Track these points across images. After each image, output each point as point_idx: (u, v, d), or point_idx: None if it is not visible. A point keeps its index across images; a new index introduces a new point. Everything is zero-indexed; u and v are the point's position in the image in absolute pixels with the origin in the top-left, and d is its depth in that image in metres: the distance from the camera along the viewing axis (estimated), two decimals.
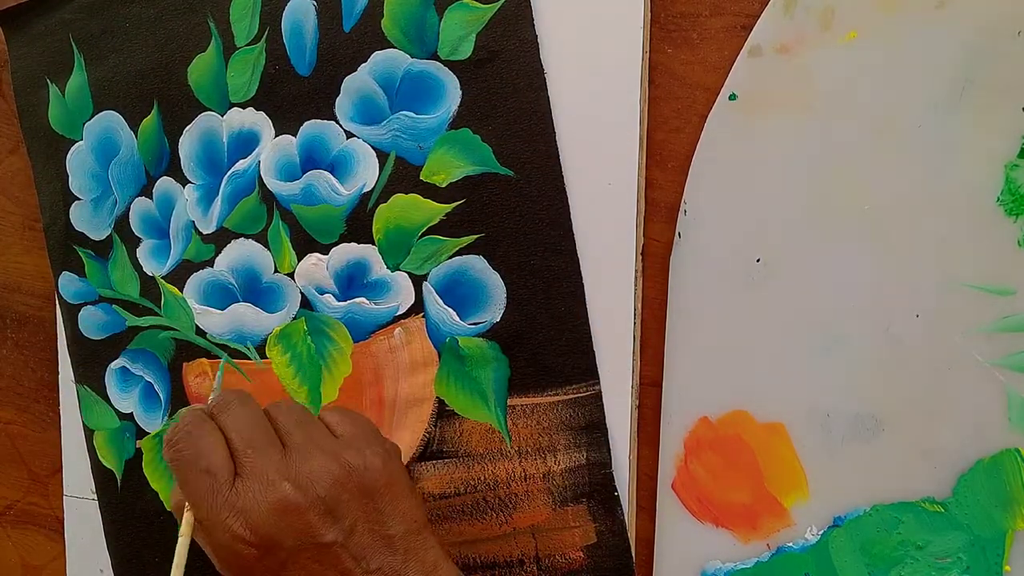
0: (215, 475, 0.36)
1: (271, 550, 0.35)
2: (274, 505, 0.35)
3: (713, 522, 0.42)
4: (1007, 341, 0.37)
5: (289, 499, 0.35)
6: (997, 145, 0.37)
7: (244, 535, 0.35)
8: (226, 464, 0.36)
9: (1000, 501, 0.38)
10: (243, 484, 0.36)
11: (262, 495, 0.36)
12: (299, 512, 0.35)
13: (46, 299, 0.57)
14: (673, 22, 0.42)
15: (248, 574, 0.36)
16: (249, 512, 0.35)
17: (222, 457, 0.37)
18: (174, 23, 0.50)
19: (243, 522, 0.35)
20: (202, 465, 0.36)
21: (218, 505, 0.36)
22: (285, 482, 0.36)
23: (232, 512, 0.35)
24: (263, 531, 0.35)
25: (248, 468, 0.36)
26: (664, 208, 0.43)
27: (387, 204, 0.46)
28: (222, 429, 0.38)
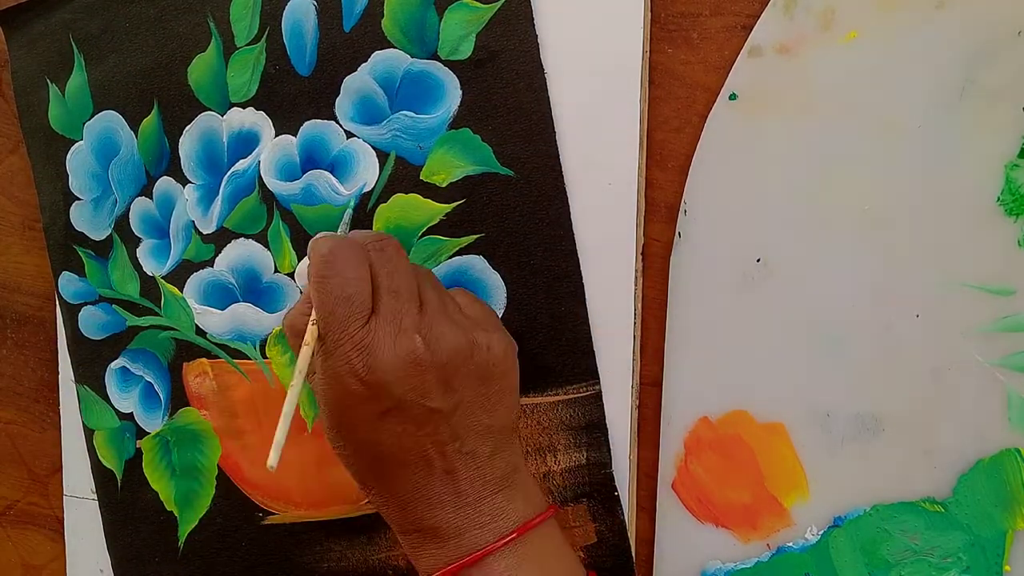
0: (354, 305, 0.35)
1: (379, 395, 0.35)
2: (400, 353, 0.35)
3: (713, 522, 0.42)
4: (1007, 341, 0.37)
5: (417, 352, 0.35)
6: (997, 145, 0.37)
7: (361, 372, 0.35)
8: (367, 300, 0.36)
9: (1000, 501, 0.38)
10: (377, 323, 0.35)
11: (391, 340, 0.35)
12: (420, 368, 0.35)
13: (46, 299, 0.57)
14: (673, 22, 0.42)
15: (346, 412, 0.36)
16: (374, 351, 0.35)
17: (366, 291, 0.36)
18: (174, 23, 0.50)
19: (364, 359, 0.35)
20: (347, 291, 0.35)
21: (346, 335, 0.35)
22: (417, 335, 0.35)
23: (357, 346, 0.35)
24: (380, 374, 0.35)
25: (386, 310, 0.36)
26: (664, 208, 0.43)
27: (387, 204, 0.46)
28: (372, 267, 0.37)
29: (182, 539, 0.52)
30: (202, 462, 0.52)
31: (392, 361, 0.35)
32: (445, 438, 0.36)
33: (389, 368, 0.35)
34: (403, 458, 0.36)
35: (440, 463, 0.36)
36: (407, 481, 0.37)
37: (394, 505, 0.37)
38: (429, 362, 0.35)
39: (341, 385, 0.35)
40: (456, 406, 0.36)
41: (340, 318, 0.35)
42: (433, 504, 0.37)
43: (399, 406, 0.35)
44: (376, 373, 0.35)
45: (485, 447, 0.37)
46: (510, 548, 0.36)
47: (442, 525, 0.36)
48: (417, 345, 0.35)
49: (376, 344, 0.35)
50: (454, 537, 0.36)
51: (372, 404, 0.35)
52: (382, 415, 0.36)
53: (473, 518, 0.36)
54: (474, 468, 0.37)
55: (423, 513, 0.37)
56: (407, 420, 0.36)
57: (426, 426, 0.36)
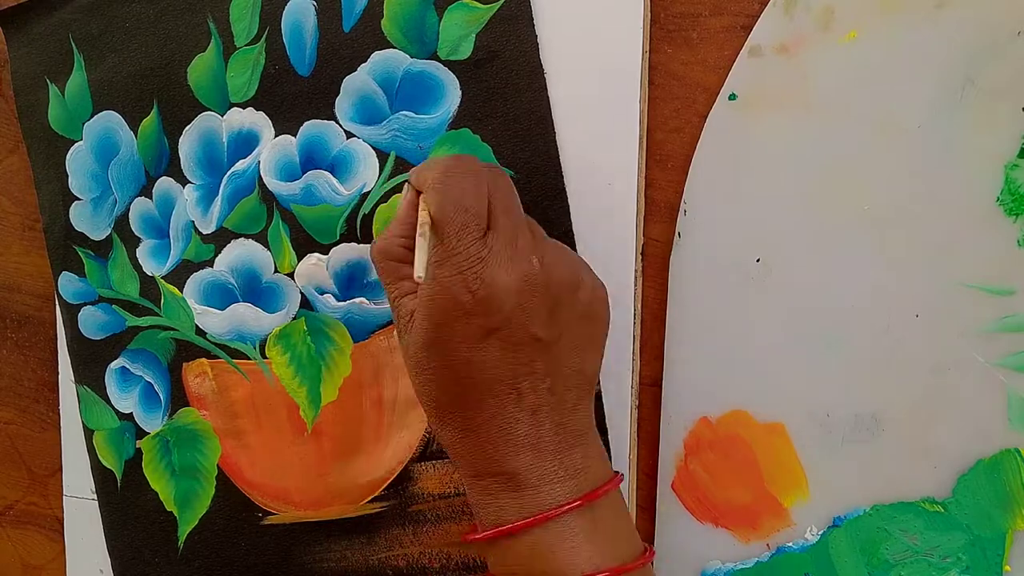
0: (473, 216, 0.34)
1: (487, 311, 0.34)
2: (516, 271, 0.34)
3: (713, 522, 0.42)
4: (1007, 341, 0.37)
5: (532, 273, 0.34)
6: (997, 145, 0.37)
7: (472, 284, 0.34)
8: (483, 215, 0.35)
9: (1000, 501, 0.38)
10: (495, 238, 0.34)
11: (507, 255, 0.34)
12: (532, 291, 0.34)
13: (46, 299, 0.57)
14: (673, 22, 0.42)
15: (448, 325, 0.34)
16: (489, 265, 0.34)
17: (484, 206, 0.35)
18: (174, 23, 0.50)
19: (478, 272, 0.34)
20: (466, 202, 0.34)
21: (464, 244, 0.34)
22: (533, 256, 0.35)
23: (472, 258, 0.34)
24: (492, 289, 0.34)
25: (503, 228, 0.35)
26: (664, 208, 0.43)
27: (387, 204, 0.46)
28: (489, 187, 0.36)
29: (182, 539, 0.52)
30: (202, 462, 0.52)
31: (506, 278, 0.34)
32: (540, 372, 0.35)
33: (503, 284, 0.34)
34: (495, 387, 0.35)
35: (530, 399, 0.35)
36: (494, 414, 0.35)
37: (472, 442, 0.35)
38: (543, 285, 0.34)
39: (450, 296, 0.34)
40: (557, 339, 0.35)
41: (458, 225, 0.34)
42: (516, 445, 0.35)
43: (505, 326, 0.34)
44: (490, 287, 0.33)
45: (571, 394, 0.36)
46: (585, 509, 0.35)
47: (521, 471, 0.35)
48: (534, 265, 0.34)
49: (492, 258, 0.34)
50: (532, 487, 0.35)
51: (478, 320, 0.34)
52: (486, 334, 0.34)
53: (553, 470, 0.35)
54: (557, 414, 0.35)
55: (503, 454, 0.35)
56: (508, 344, 0.34)
57: (525, 354, 0.34)
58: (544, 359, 0.35)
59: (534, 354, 0.35)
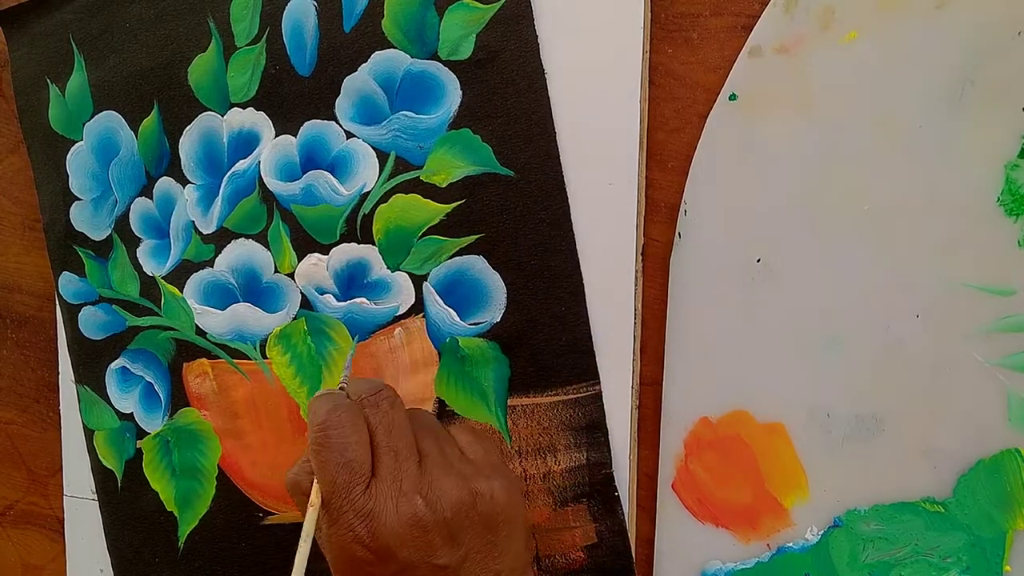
0: (355, 471, 0.36)
1: (386, 560, 0.35)
2: (403, 517, 0.35)
3: (713, 522, 0.42)
4: (1007, 341, 0.37)
5: (418, 514, 0.35)
6: (997, 145, 0.37)
7: (365, 539, 0.35)
8: (367, 463, 0.36)
9: (1000, 501, 0.38)
10: (377, 488, 0.36)
11: (393, 504, 0.35)
12: (424, 530, 0.35)
13: (46, 299, 0.57)
14: (673, 22, 0.42)
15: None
16: (377, 518, 0.35)
17: (365, 455, 0.36)
18: (174, 23, 0.50)
19: (368, 526, 0.35)
20: (347, 456, 0.36)
21: (349, 502, 0.35)
22: (418, 496, 0.36)
23: (359, 513, 0.35)
24: (384, 540, 0.35)
25: (385, 473, 0.36)
26: (664, 208, 0.43)
27: (387, 204, 0.46)
28: (369, 425, 0.37)
29: (182, 539, 0.52)
30: (202, 462, 0.52)
31: (395, 526, 0.35)
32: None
33: (393, 533, 0.35)
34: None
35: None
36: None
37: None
38: (432, 522, 0.35)
39: (348, 552, 0.36)
40: (464, 558, 0.36)
41: (342, 485, 0.36)
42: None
43: (407, 568, 0.35)
44: (380, 539, 0.35)
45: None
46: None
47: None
48: (419, 507, 0.35)
49: (378, 510, 0.35)
50: None
51: (379, 568, 0.35)
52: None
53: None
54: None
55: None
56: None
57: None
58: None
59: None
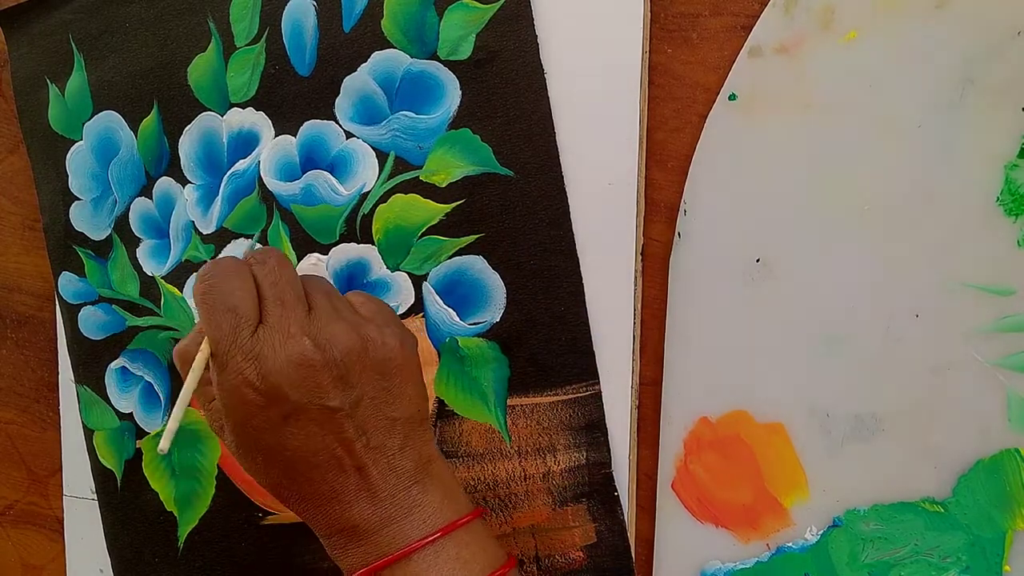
0: (240, 316, 0.36)
1: (276, 400, 0.35)
2: (290, 357, 0.35)
3: (713, 522, 0.42)
4: (1007, 341, 0.37)
5: (306, 354, 0.35)
6: (997, 145, 0.37)
7: (254, 380, 0.35)
8: (253, 310, 0.36)
9: (1000, 501, 0.38)
10: (264, 332, 0.36)
11: (280, 345, 0.36)
12: (312, 369, 0.35)
13: (46, 299, 0.57)
14: (673, 22, 0.42)
15: (248, 422, 0.36)
16: (264, 359, 0.35)
17: (250, 302, 0.37)
18: (174, 23, 0.50)
19: (256, 367, 0.35)
20: (230, 303, 0.36)
21: (236, 346, 0.36)
22: (305, 338, 0.36)
23: (247, 356, 0.35)
24: (273, 380, 0.35)
25: (273, 319, 0.36)
26: (664, 208, 0.43)
27: (387, 204, 0.46)
28: (256, 279, 0.38)
29: (182, 539, 0.52)
30: (202, 462, 0.52)
31: (283, 366, 0.35)
32: (351, 435, 0.36)
33: (281, 373, 0.35)
34: (312, 460, 0.36)
35: (349, 460, 0.36)
36: (320, 483, 0.37)
37: (312, 509, 0.37)
38: (320, 362, 0.36)
39: (239, 396, 0.36)
40: (357, 402, 0.36)
41: (228, 331, 0.36)
42: (349, 502, 0.37)
43: (298, 409, 0.36)
44: (269, 379, 0.35)
45: (393, 440, 0.37)
46: (432, 547, 0.36)
47: (360, 523, 0.37)
48: (306, 346, 0.36)
49: (265, 351, 0.35)
50: (373, 533, 0.36)
51: (272, 410, 0.36)
52: (283, 420, 0.36)
53: (390, 512, 0.37)
54: (384, 462, 0.37)
55: (340, 512, 0.37)
56: (309, 421, 0.36)
57: (329, 425, 0.36)
58: (351, 423, 0.36)
59: (339, 423, 0.36)
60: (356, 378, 0.36)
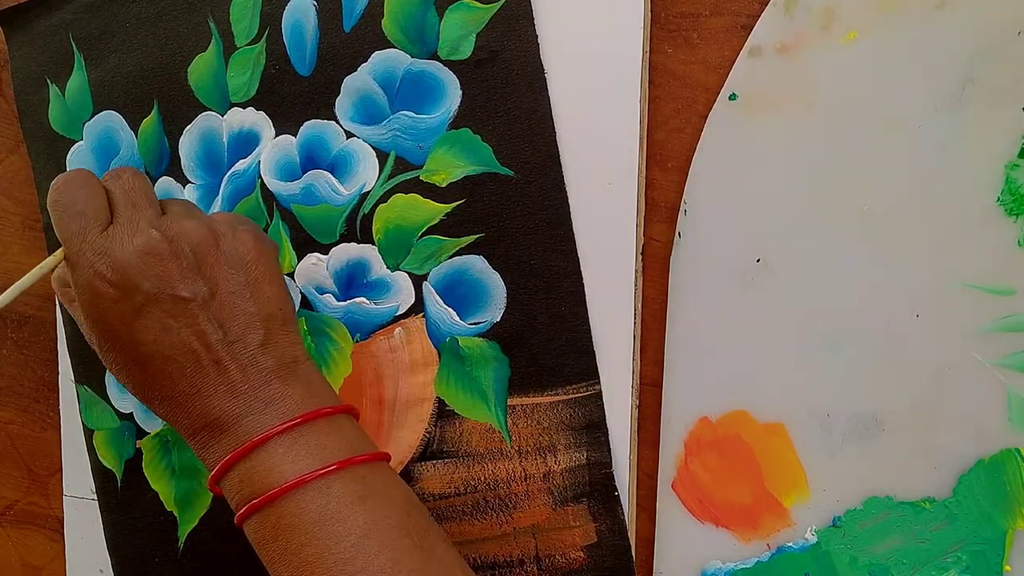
0: (88, 217, 0.38)
1: (128, 291, 0.37)
2: (138, 247, 0.37)
3: (713, 522, 0.42)
4: (1007, 341, 0.37)
5: (154, 244, 0.37)
6: (997, 145, 0.37)
7: (105, 272, 0.37)
8: (102, 212, 0.38)
9: (1000, 501, 0.38)
10: (114, 229, 0.38)
11: (129, 238, 0.37)
12: (161, 258, 0.37)
13: (46, 299, 0.57)
14: (673, 22, 0.42)
15: (104, 317, 0.37)
16: (113, 252, 0.37)
17: (99, 205, 0.38)
18: (174, 23, 0.50)
19: (106, 261, 0.37)
20: (78, 208, 0.38)
21: (86, 244, 0.37)
22: (153, 230, 0.37)
23: (97, 251, 0.37)
24: (123, 270, 0.37)
25: (123, 218, 0.38)
26: (664, 208, 0.43)
27: (387, 204, 0.46)
28: (108, 191, 0.40)
29: (182, 539, 0.52)
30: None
31: (131, 256, 0.37)
32: (206, 328, 0.37)
33: (131, 263, 0.37)
34: (168, 354, 0.37)
35: (206, 355, 0.37)
36: (179, 377, 0.37)
37: (174, 408, 0.38)
38: (168, 251, 0.37)
39: (92, 290, 0.37)
40: (211, 294, 0.37)
41: (77, 230, 0.38)
42: (207, 396, 0.37)
43: (150, 299, 0.37)
44: (119, 270, 0.37)
45: (254, 336, 0.38)
46: (289, 434, 0.36)
47: (219, 415, 0.37)
48: (154, 237, 0.37)
49: (114, 246, 0.37)
50: (232, 425, 0.37)
51: (125, 302, 0.37)
52: (137, 311, 0.37)
53: (249, 404, 0.37)
54: (244, 357, 0.37)
55: (200, 407, 0.37)
56: (163, 313, 0.37)
57: (183, 317, 0.37)
58: (205, 316, 0.37)
59: (192, 315, 0.37)
60: (209, 269, 0.38)
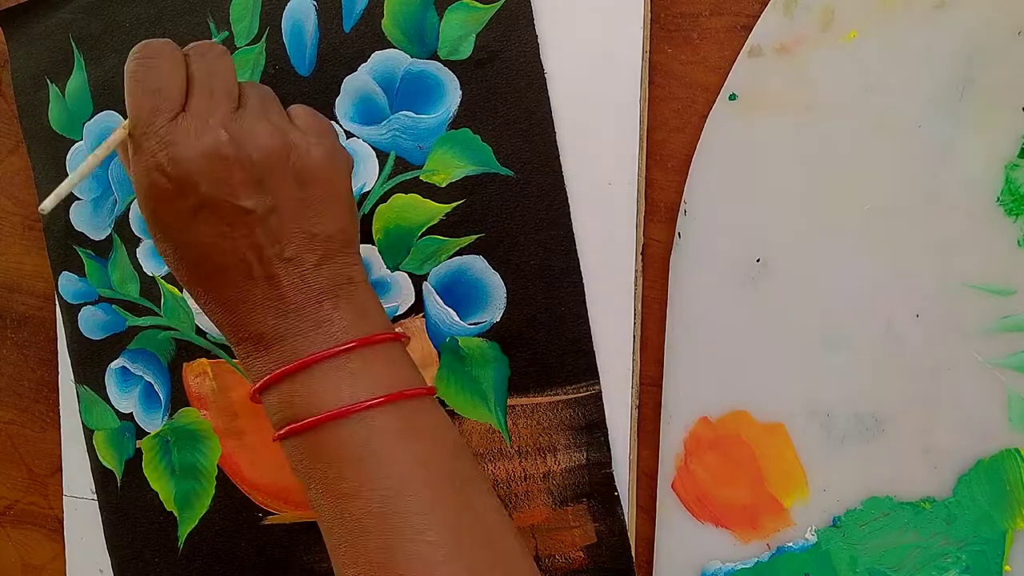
0: (162, 99, 0.35)
1: (185, 190, 0.35)
2: (204, 148, 0.34)
3: (713, 522, 0.42)
4: (1007, 341, 0.37)
5: (220, 146, 0.34)
6: (997, 145, 0.37)
7: (165, 165, 0.34)
8: (178, 95, 0.36)
9: (1000, 501, 0.38)
10: (184, 119, 0.35)
11: (196, 134, 0.35)
12: (225, 163, 0.35)
13: (46, 299, 0.57)
14: (673, 22, 0.42)
15: (159, 210, 0.35)
16: (176, 145, 0.34)
17: (177, 87, 0.36)
18: (174, 23, 0.50)
19: (168, 153, 0.34)
20: (155, 85, 0.35)
21: (153, 128, 0.35)
22: (223, 130, 0.35)
23: (161, 140, 0.35)
24: (183, 167, 0.34)
25: (195, 108, 0.35)
26: (664, 208, 0.43)
27: (387, 204, 0.46)
28: (189, 68, 0.37)
29: (182, 539, 0.53)
30: (202, 462, 0.52)
31: (195, 155, 0.34)
32: (262, 241, 0.35)
33: (192, 162, 0.34)
34: (221, 260, 0.35)
35: (259, 268, 0.35)
36: (229, 285, 0.36)
37: (222, 310, 0.37)
38: (234, 158, 0.35)
39: (149, 180, 0.35)
40: (272, 209, 0.35)
41: (147, 111, 0.35)
42: (256, 309, 0.36)
43: (207, 203, 0.35)
44: (180, 166, 0.34)
45: (310, 255, 0.36)
46: (335, 360, 0.35)
47: (265, 331, 0.36)
48: (221, 138, 0.34)
49: (180, 138, 0.34)
50: (277, 343, 0.36)
51: (181, 200, 0.35)
52: (193, 212, 0.35)
53: (296, 324, 0.36)
54: (297, 275, 0.36)
55: (247, 318, 0.36)
56: (219, 219, 0.35)
57: (239, 227, 0.35)
58: (263, 229, 0.35)
59: (249, 226, 0.35)
60: (274, 183, 0.35)
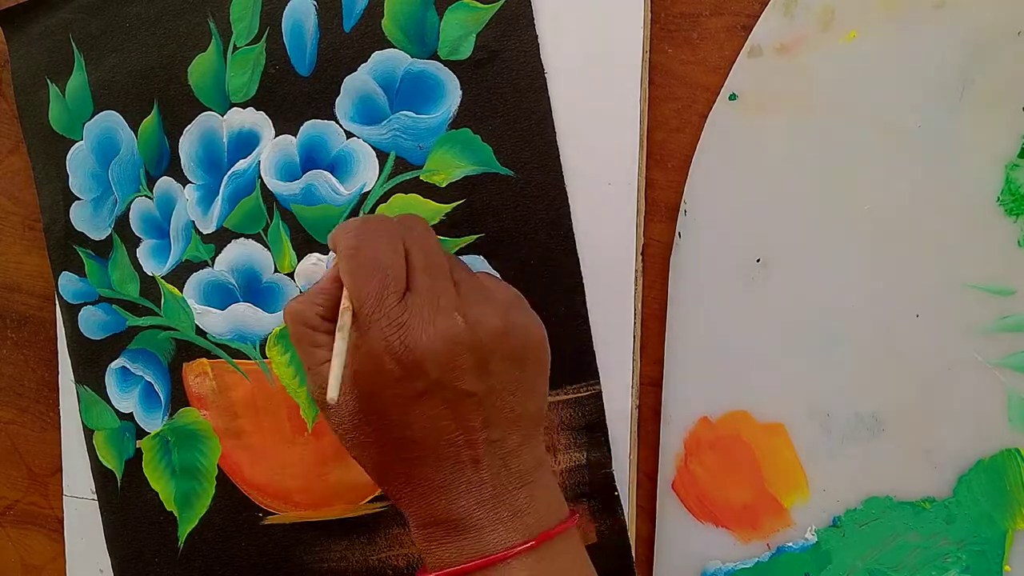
0: (389, 279, 0.33)
1: (415, 376, 0.33)
2: (440, 332, 0.33)
3: (713, 522, 0.42)
4: (1007, 341, 0.37)
5: (457, 330, 0.33)
6: (997, 145, 0.37)
7: (397, 349, 0.33)
8: (403, 274, 0.34)
9: (1000, 501, 0.38)
10: (414, 300, 0.33)
11: (430, 316, 0.33)
12: (459, 348, 0.33)
13: (46, 299, 0.57)
14: (673, 22, 0.42)
15: (380, 393, 0.34)
16: (412, 329, 0.33)
17: (401, 266, 0.34)
18: (174, 23, 0.50)
19: (402, 336, 0.33)
20: (383, 263, 0.33)
21: (382, 310, 0.33)
22: (457, 314, 0.33)
23: (393, 323, 0.33)
24: (418, 353, 0.33)
25: (422, 288, 0.34)
26: (664, 208, 0.43)
27: (387, 204, 0.46)
28: (404, 245, 0.35)
29: (182, 539, 0.53)
30: (202, 462, 0.52)
31: (431, 341, 0.33)
32: (476, 424, 0.34)
33: (428, 347, 0.33)
34: (431, 444, 0.34)
35: (468, 451, 0.34)
36: (431, 469, 0.34)
37: (415, 496, 0.35)
38: (468, 342, 0.33)
39: (376, 364, 0.33)
40: (490, 390, 0.34)
41: (375, 291, 0.33)
42: (454, 494, 0.34)
43: (434, 388, 0.33)
44: (414, 352, 0.33)
45: (513, 436, 0.35)
46: (532, 552, 0.34)
47: (463, 517, 0.34)
48: (458, 324, 0.33)
49: (414, 321, 0.33)
50: (473, 532, 0.34)
51: (406, 385, 0.33)
52: (416, 397, 0.33)
53: (494, 513, 0.34)
54: (499, 458, 0.35)
55: (444, 504, 0.35)
56: (440, 403, 0.34)
57: (459, 410, 0.34)
58: (479, 412, 0.34)
59: (469, 409, 0.34)
60: (495, 364, 0.34)
